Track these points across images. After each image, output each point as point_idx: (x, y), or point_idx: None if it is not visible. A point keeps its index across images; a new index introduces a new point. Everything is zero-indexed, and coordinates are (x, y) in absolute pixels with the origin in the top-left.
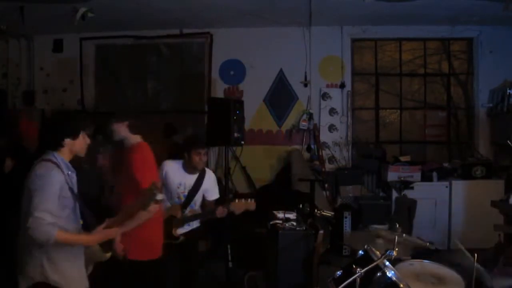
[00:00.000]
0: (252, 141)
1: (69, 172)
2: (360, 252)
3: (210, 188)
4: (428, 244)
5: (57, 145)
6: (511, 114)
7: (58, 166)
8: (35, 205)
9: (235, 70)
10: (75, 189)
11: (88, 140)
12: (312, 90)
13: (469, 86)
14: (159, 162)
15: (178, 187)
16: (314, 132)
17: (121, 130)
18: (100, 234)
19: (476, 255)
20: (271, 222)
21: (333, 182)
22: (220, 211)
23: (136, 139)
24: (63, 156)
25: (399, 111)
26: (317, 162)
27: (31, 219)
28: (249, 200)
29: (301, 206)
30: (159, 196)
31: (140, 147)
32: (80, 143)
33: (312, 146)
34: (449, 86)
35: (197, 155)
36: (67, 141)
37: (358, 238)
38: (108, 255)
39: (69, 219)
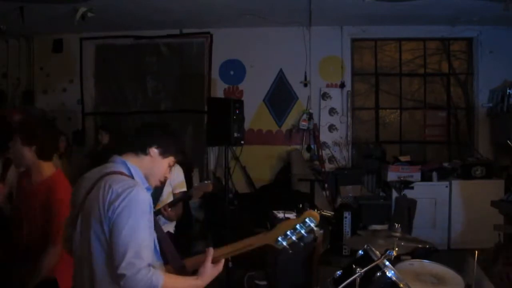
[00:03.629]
0: (252, 141)
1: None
2: (360, 252)
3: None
4: (427, 245)
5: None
6: (511, 114)
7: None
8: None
9: (234, 70)
10: None
11: None
12: (312, 90)
13: (469, 86)
14: None
15: None
16: (314, 132)
17: None
18: (209, 273)
19: (476, 252)
20: (271, 222)
21: (333, 182)
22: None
23: None
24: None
25: (399, 111)
26: (317, 162)
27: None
28: (206, 181)
29: (301, 206)
30: None
31: None
32: None
33: (312, 146)
34: (449, 86)
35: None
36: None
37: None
38: None
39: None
